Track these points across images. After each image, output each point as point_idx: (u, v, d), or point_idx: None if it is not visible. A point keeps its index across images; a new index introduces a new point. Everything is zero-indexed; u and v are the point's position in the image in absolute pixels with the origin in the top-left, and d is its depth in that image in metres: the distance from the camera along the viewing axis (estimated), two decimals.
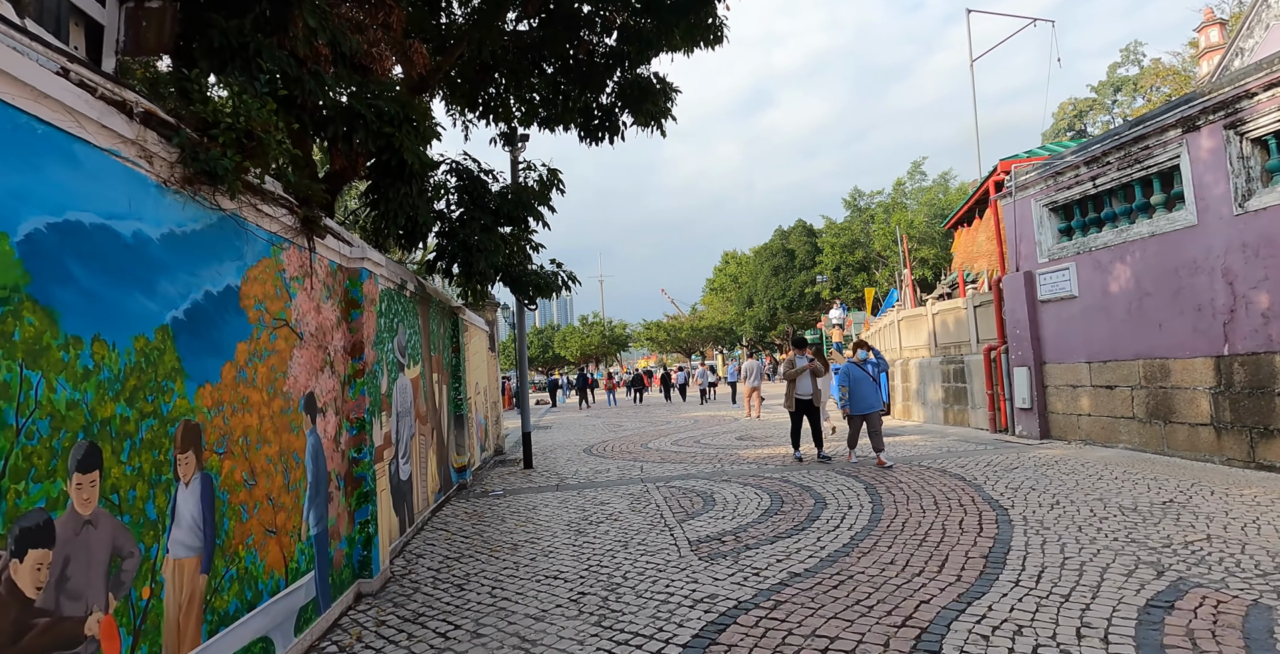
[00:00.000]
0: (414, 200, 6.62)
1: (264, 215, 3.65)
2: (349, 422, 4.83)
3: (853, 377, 9.09)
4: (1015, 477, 7.71)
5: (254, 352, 3.48)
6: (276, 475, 3.67)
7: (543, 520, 6.90)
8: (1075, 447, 9.80)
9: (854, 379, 9.07)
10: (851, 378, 9.08)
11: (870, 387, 9.07)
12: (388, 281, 6.03)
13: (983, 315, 12.52)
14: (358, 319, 4.94)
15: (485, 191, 7.89)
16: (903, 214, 36.17)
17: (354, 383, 4.89)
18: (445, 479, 8.26)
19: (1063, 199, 10.26)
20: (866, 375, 9.13)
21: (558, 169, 8.82)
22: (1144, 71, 49.97)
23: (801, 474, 8.56)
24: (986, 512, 6.22)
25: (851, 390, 9.02)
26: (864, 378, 9.11)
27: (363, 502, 4.88)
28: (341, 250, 4.81)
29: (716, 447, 11.93)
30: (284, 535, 3.73)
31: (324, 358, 4.43)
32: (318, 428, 4.28)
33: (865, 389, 9.04)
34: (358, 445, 4.88)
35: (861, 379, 9.08)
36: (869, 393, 9.04)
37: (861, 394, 9.02)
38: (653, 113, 8.63)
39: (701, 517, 6.61)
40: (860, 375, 9.11)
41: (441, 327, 8.59)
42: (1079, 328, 9.98)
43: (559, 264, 9.13)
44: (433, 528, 6.89)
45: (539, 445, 13.95)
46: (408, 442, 6.51)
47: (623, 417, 21.67)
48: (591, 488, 8.54)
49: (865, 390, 9.04)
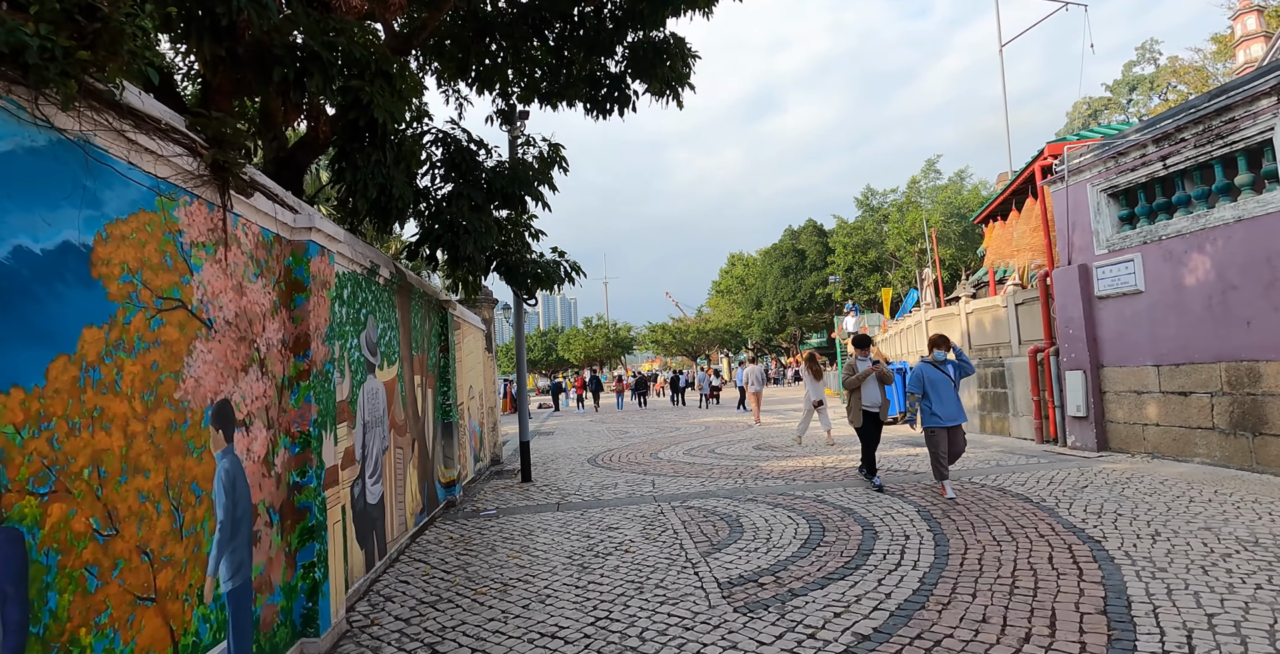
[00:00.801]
0: (388, 170, 5.57)
1: (141, 150, 2.59)
2: (289, 437, 3.77)
3: (927, 380, 7.21)
4: (1090, 498, 6.60)
5: (117, 342, 2.42)
6: (158, 518, 2.60)
7: (540, 550, 5.81)
8: (1141, 460, 8.68)
9: (929, 383, 7.20)
10: (926, 382, 7.21)
11: (952, 392, 7.17)
12: (352, 263, 4.97)
13: (1026, 314, 11.41)
14: (303, 305, 3.88)
15: (475, 166, 6.83)
16: (918, 213, 35.02)
17: (297, 387, 3.82)
18: (429, 497, 7.18)
19: (1125, 183, 9.16)
20: (946, 378, 7.21)
21: (560, 144, 7.77)
22: (1161, 70, 48.87)
23: (839, 493, 7.46)
24: (1076, 545, 5.12)
25: (930, 397, 7.17)
26: (943, 381, 7.18)
27: (307, 539, 3.81)
28: (280, 217, 3.75)
29: (734, 458, 10.83)
30: (171, 601, 2.66)
31: (249, 354, 3.37)
32: (236, 447, 3.21)
33: (946, 395, 7.14)
34: (301, 467, 3.81)
35: (939, 383, 7.17)
36: (951, 400, 7.15)
37: (943, 401, 7.12)
38: (669, 79, 7.57)
39: (729, 548, 5.52)
40: (938, 378, 7.20)
41: (427, 322, 7.52)
42: (1145, 327, 8.87)
43: (561, 253, 8.07)
44: (410, 558, 5.81)
45: (539, 454, 12.88)
46: (379, 457, 5.44)
47: (629, 422, 20.58)
48: (597, 507, 7.46)
49: (947, 397, 7.14)
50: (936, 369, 7.28)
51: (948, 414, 7.11)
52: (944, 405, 7.12)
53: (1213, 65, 41.71)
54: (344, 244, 4.56)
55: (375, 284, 5.54)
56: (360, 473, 4.97)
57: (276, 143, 6.75)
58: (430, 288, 7.59)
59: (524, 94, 9.07)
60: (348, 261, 4.85)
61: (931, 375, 7.24)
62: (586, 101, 8.23)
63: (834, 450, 10.98)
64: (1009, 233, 13.45)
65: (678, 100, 7.84)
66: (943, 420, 7.11)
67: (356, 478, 4.87)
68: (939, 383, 7.18)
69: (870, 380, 7.91)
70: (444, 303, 8.12)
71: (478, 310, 11.98)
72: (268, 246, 3.66)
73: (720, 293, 65.14)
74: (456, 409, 8.35)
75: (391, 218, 5.69)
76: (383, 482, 5.53)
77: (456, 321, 9.06)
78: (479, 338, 11.46)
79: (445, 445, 7.98)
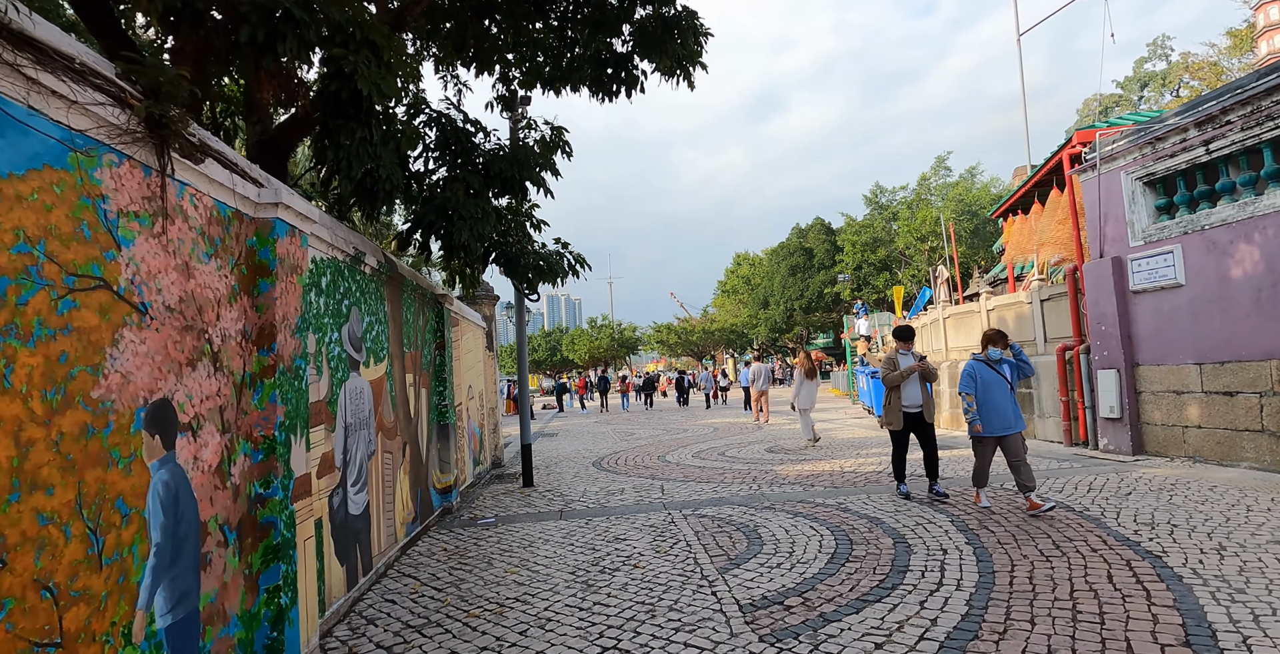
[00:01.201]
0: (375, 149, 5.09)
1: (46, 93, 2.11)
2: (250, 442, 3.28)
3: (981, 380, 6.29)
4: (1137, 507, 6.07)
5: (5, 327, 1.94)
6: (65, 544, 2.12)
7: (541, 564, 5.32)
8: (1183, 465, 8.14)
9: (983, 384, 6.28)
10: (979, 382, 6.29)
11: (1007, 395, 6.25)
12: (332, 249, 4.49)
13: (1052, 310, 10.88)
14: (268, 292, 3.39)
15: (472, 148, 6.35)
16: (928, 210, 34.40)
17: (260, 385, 3.34)
18: (423, 504, 6.70)
19: (1163, 170, 8.63)
20: (1001, 379, 6.28)
21: (563, 127, 7.29)
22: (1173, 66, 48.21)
23: (863, 501, 6.94)
24: (1136, 562, 4.60)
25: (980, 400, 6.26)
26: (997, 382, 6.26)
27: (271, 559, 3.32)
28: (242, 189, 3.27)
29: (746, 461, 10.32)
30: (85, 645, 2.17)
31: (197, 346, 2.89)
32: (179, 455, 2.73)
33: (1000, 399, 6.23)
34: (264, 477, 3.33)
35: (993, 384, 6.26)
36: (1006, 404, 6.21)
37: (995, 406, 6.20)
38: (680, 57, 7.06)
39: (748, 563, 5.02)
40: (992, 378, 6.27)
41: (421, 317, 7.05)
42: (1185, 322, 8.33)
43: (565, 244, 7.58)
44: (399, 573, 5.33)
45: (543, 457, 12.39)
46: (363, 463, 4.95)
47: (634, 423, 20.08)
48: (603, 515, 6.96)
49: (1000, 401, 6.22)
50: (990, 369, 6.34)
51: (1001, 421, 6.19)
52: (997, 411, 6.21)
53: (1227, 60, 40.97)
54: (320, 225, 4.08)
55: (360, 273, 5.06)
56: (341, 481, 4.48)
57: (260, 126, 6.29)
58: (425, 281, 7.11)
59: (526, 78, 8.58)
60: (327, 246, 4.37)
61: (985, 376, 6.31)
62: (591, 84, 7.73)
63: (850, 454, 10.46)
64: (1030, 227, 12.91)
65: (689, 80, 7.33)
66: (993, 428, 6.21)
67: (336, 486, 4.39)
68: (992, 385, 6.26)
69: (912, 378, 7.04)
70: (440, 297, 7.64)
71: (478, 307, 11.50)
72: (224, 223, 3.18)
73: (726, 293, 64.56)
74: (453, 410, 7.86)
75: (379, 202, 5.21)
76: (368, 490, 5.04)
77: (454, 318, 8.59)
78: (479, 336, 10.98)
79: (441, 449, 7.49)
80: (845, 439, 12.62)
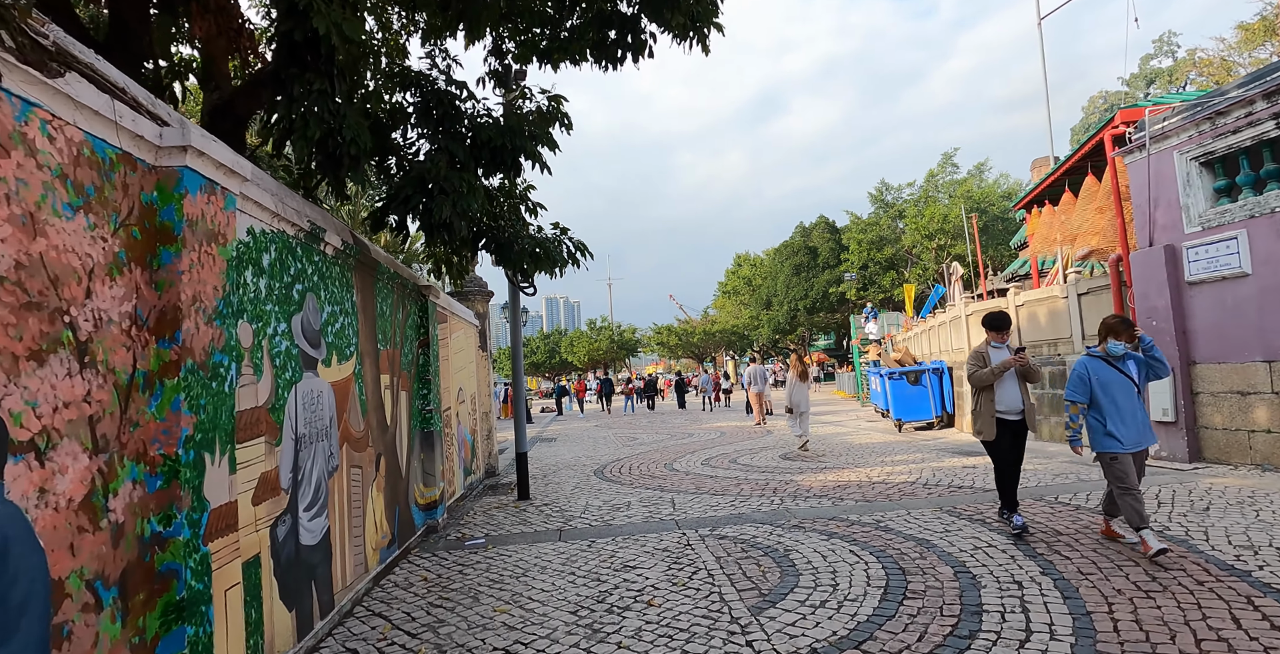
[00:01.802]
0: (338, 106, 4.26)
1: None
2: (142, 464, 2.45)
3: (1097, 382, 4.82)
4: (1225, 526, 5.24)
5: None
6: None
7: (536, 600, 4.48)
8: (1251, 474, 7.31)
9: (1100, 386, 4.80)
10: (1096, 384, 4.82)
11: (1134, 402, 4.78)
12: (279, 221, 3.65)
13: (1091, 305, 10.06)
14: (171, 264, 2.56)
15: (457, 113, 5.52)
16: (937, 207, 33.57)
17: (159, 387, 2.51)
18: (403, 523, 5.86)
19: (1223, 148, 7.81)
20: (1125, 380, 4.81)
21: (561, 96, 6.48)
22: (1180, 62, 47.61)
23: (903, 518, 6.10)
24: (1258, 598, 3.77)
25: (1104, 407, 4.78)
26: (1120, 384, 4.79)
27: (174, 620, 2.49)
28: (131, 124, 2.44)
29: (761, 469, 9.48)
30: None
31: (49, 332, 2.06)
32: (11, 488, 1.89)
33: (1127, 404, 4.75)
34: (164, 511, 2.49)
35: (1114, 386, 4.78)
36: (1133, 413, 4.75)
37: (1124, 413, 4.73)
38: (694, 15, 6.24)
39: (785, 600, 4.18)
40: (1112, 379, 4.80)
41: (400, 311, 6.21)
42: (1251, 316, 7.51)
43: (564, 230, 6.76)
44: (368, 612, 4.48)
45: (540, 464, 11.55)
46: (322, 481, 4.12)
47: (636, 427, 19.23)
48: (608, 536, 6.12)
49: (1126, 408, 4.74)
50: (1110, 367, 4.86)
51: (1133, 434, 4.72)
52: (1124, 420, 4.73)
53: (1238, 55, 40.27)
54: (257, 186, 3.25)
55: (319, 253, 4.22)
56: (290, 506, 3.65)
57: (218, 93, 5.48)
58: (406, 270, 6.28)
59: (521, 52, 7.77)
60: (271, 217, 3.54)
61: (1104, 376, 4.83)
62: (594, 49, 6.90)
63: (874, 461, 9.63)
64: (1059, 219, 12.10)
65: (703, 44, 6.50)
66: (1124, 444, 4.70)
67: (283, 513, 3.55)
68: (1114, 386, 4.78)
69: (1009, 377, 5.59)
70: (423, 289, 6.81)
71: (470, 303, 10.67)
72: (102, 167, 2.35)
73: (726, 294, 63.75)
74: (439, 416, 7.02)
75: (344, 168, 4.38)
76: (329, 513, 4.20)
77: (441, 313, 7.75)
78: (471, 334, 10.14)
79: (425, 460, 6.65)
80: (864, 444, 11.79)
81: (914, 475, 8.23)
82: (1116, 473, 4.71)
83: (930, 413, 13.62)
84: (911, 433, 13.35)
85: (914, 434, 13.13)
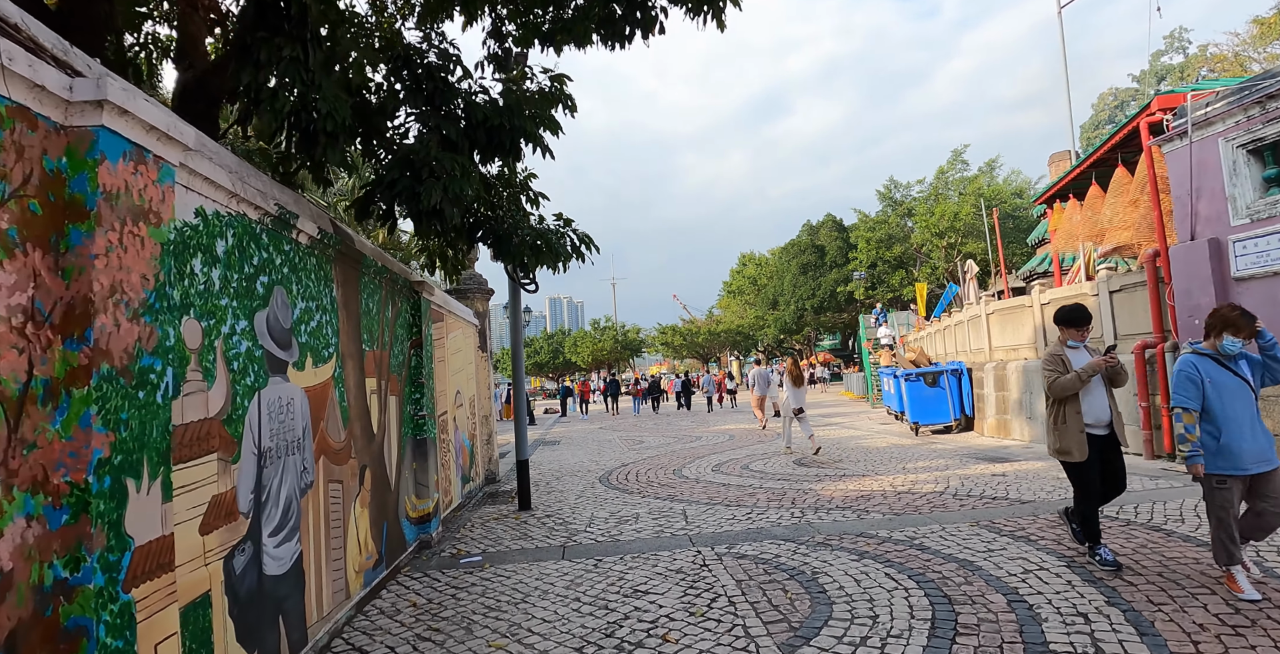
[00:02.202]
0: (312, 76, 3.77)
1: None
2: (41, 495, 1.96)
3: (1210, 384, 3.96)
4: None
5: None
6: None
7: (536, 634, 3.98)
8: None
9: (1215, 389, 3.95)
10: (1209, 386, 3.96)
11: (1252, 409, 3.93)
12: (238, 202, 3.16)
13: (1124, 303, 9.53)
14: (82, 246, 2.07)
15: (449, 90, 5.03)
16: (947, 205, 32.99)
17: (65, 398, 2.02)
18: (391, 540, 5.37)
19: (1274, 134, 7.29)
20: (1240, 382, 3.96)
21: (565, 75, 6.00)
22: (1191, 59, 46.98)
23: (938, 534, 5.59)
24: None
25: (1217, 416, 3.91)
26: (1236, 388, 3.94)
27: None
28: (28, 71, 1.95)
29: (777, 477, 8.97)
30: None
31: None
32: None
33: (1243, 413, 3.90)
34: (71, 552, 2.00)
35: (1228, 390, 3.93)
36: (1251, 424, 3.89)
37: (1237, 425, 3.86)
38: None
39: (820, 637, 3.68)
40: (1226, 382, 3.95)
41: (389, 309, 5.73)
42: None
43: (567, 221, 6.28)
44: (348, 645, 3.99)
45: (543, 470, 11.06)
46: (292, 500, 3.62)
47: (642, 429, 18.73)
48: (616, 554, 5.62)
49: (1243, 416, 3.89)
50: (1223, 368, 3.99)
51: (1253, 449, 3.84)
52: (1240, 432, 3.85)
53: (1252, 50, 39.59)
54: (203, 156, 2.76)
55: (290, 241, 3.73)
56: (251, 531, 3.16)
57: (192, 72, 5.01)
58: (395, 264, 5.79)
59: (523, 34, 7.28)
60: (227, 196, 3.04)
61: (1217, 377, 3.96)
62: (601, 26, 6.41)
63: (896, 468, 9.11)
64: (1084, 213, 11.56)
65: (718, 19, 6.00)
66: (1242, 463, 3.84)
67: (241, 541, 3.06)
68: (1227, 391, 3.92)
69: (1096, 383, 4.64)
70: (415, 285, 6.32)
71: (469, 301, 10.19)
72: None
73: (731, 293, 63.23)
74: (434, 421, 6.53)
75: (319, 144, 3.90)
76: (302, 536, 3.71)
77: (436, 311, 7.27)
78: (470, 334, 9.66)
79: (417, 469, 6.16)
80: (882, 448, 11.27)
81: (941, 484, 7.71)
82: (1221, 502, 3.89)
83: (949, 416, 13.10)
84: (929, 436, 12.83)
85: (931, 438, 12.61)
